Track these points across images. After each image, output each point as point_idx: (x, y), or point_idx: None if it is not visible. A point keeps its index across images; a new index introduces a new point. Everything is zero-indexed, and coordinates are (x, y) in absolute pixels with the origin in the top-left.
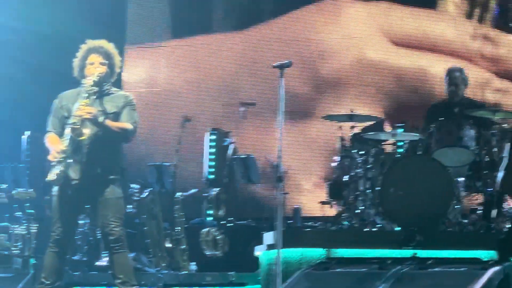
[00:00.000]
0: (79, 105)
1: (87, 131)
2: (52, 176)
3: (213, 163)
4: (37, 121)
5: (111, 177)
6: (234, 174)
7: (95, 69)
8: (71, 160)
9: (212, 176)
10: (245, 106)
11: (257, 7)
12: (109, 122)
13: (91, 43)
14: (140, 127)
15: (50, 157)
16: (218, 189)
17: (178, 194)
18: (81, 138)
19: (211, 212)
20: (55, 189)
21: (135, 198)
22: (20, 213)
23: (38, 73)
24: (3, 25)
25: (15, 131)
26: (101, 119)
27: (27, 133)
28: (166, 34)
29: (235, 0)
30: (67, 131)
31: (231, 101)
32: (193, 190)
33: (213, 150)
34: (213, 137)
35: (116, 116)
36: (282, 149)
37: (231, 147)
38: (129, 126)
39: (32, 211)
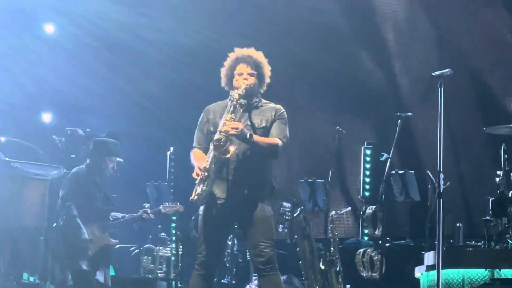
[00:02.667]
0: (225, 120)
1: (232, 149)
2: (194, 195)
3: (369, 179)
4: (184, 137)
5: (260, 195)
6: (391, 190)
7: (243, 80)
8: (215, 179)
9: (367, 193)
10: (402, 118)
11: None
12: (257, 138)
13: (239, 51)
14: (291, 141)
15: (193, 175)
16: (374, 206)
17: (332, 212)
18: (226, 156)
19: (367, 231)
20: (201, 208)
21: (287, 217)
22: (165, 234)
23: (181, 88)
24: (143, 38)
25: (161, 149)
26: (248, 135)
27: (171, 148)
28: None
29: None
30: (211, 148)
31: (387, 112)
32: (347, 208)
33: (369, 165)
34: (369, 151)
35: (265, 131)
36: (442, 163)
37: (388, 161)
38: (278, 141)
39: (178, 232)
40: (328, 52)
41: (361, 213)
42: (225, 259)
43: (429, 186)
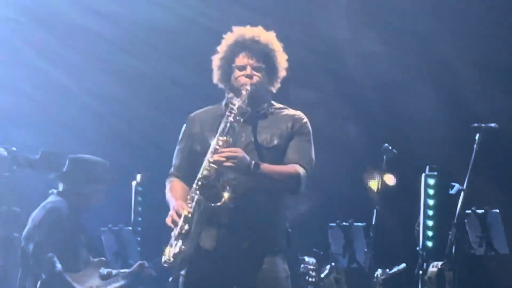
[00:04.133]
0: (216, 144)
1: (226, 195)
2: (168, 256)
3: (432, 222)
4: (156, 160)
5: (270, 247)
6: (466, 239)
7: (245, 79)
8: (201, 231)
9: (430, 243)
10: (482, 130)
11: None
12: (266, 168)
13: (239, 32)
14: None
15: (167, 221)
16: (440, 263)
17: (379, 271)
18: (217, 204)
19: None
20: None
21: (310, 278)
22: None
23: (153, 85)
24: (94, 11)
25: (123, 177)
26: (253, 164)
27: (138, 177)
28: None
29: None
30: (195, 187)
31: (459, 121)
32: (401, 266)
33: (432, 201)
34: (432, 180)
35: (277, 152)
36: None
37: (462, 195)
38: (299, 170)
39: None
40: (371, 34)
41: (421, 272)
42: None
43: None
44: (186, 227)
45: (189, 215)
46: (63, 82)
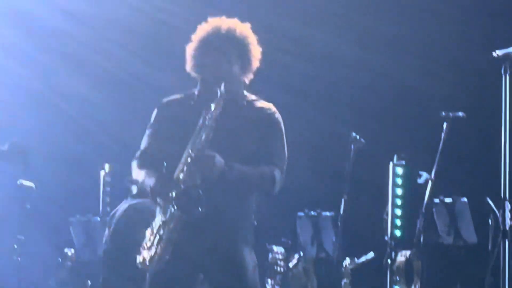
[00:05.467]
0: (187, 157)
1: (202, 205)
2: (144, 259)
3: (401, 211)
4: (125, 150)
5: (239, 237)
6: (434, 228)
7: (219, 70)
8: (173, 238)
9: (399, 232)
10: (449, 119)
11: None
12: (241, 174)
13: (214, 24)
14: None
15: (147, 233)
16: (408, 252)
17: (347, 261)
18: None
19: (398, 287)
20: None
21: (279, 268)
22: None
23: (119, 79)
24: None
25: (91, 168)
26: (227, 168)
27: (107, 167)
28: None
29: None
30: (170, 204)
31: (426, 111)
32: (369, 255)
33: (400, 190)
34: (400, 169)
35: (249, 148)
36: (508, 187)
37: (430, 184)
38: (274, 171)
39: None
40: (342, 28)
41: (389, 261)
42: None
43: (490, 222)
44: (162, 232)
45: (161, 225)
46: (28, 79)
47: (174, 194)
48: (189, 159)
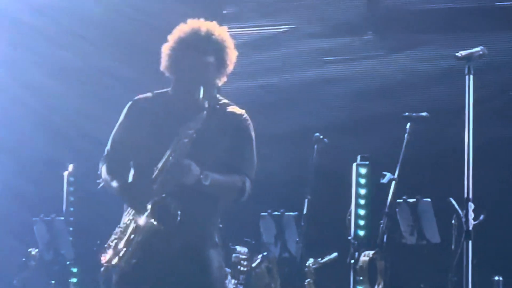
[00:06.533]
0: (165, 163)
1: (177, 215)
2: (110, 260)
3: (364, 211)
4: (89, 149)
5: (206, 241)
6: (397, 228)
7: (193, 69)
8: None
9: (362, 232)
10: (412, 119)
11: None
12: (215, 181)
13: (193, 25)
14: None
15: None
16: (371, 252)
17: (310, 260)
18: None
19: (361, 287)
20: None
21: (242, 268)
22: None
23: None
24: None
25: (54, 168)
26: (203, 177)
27: (70, 167)
28: None
29: None
30: (148, 215)
31: (389, 111)
32: (332, 255)
33: (364, 190)
34: (364, 169)
35: (220, 155)
36: (471, 187)
37: (393, 184)
38: (245, 180)
39: None
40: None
41: (352, 261)
42: None
43: (453, 221)
44: (133, 236)
45: (133, 233)
46: None
47: (150, 206)
48: (166, 167)
